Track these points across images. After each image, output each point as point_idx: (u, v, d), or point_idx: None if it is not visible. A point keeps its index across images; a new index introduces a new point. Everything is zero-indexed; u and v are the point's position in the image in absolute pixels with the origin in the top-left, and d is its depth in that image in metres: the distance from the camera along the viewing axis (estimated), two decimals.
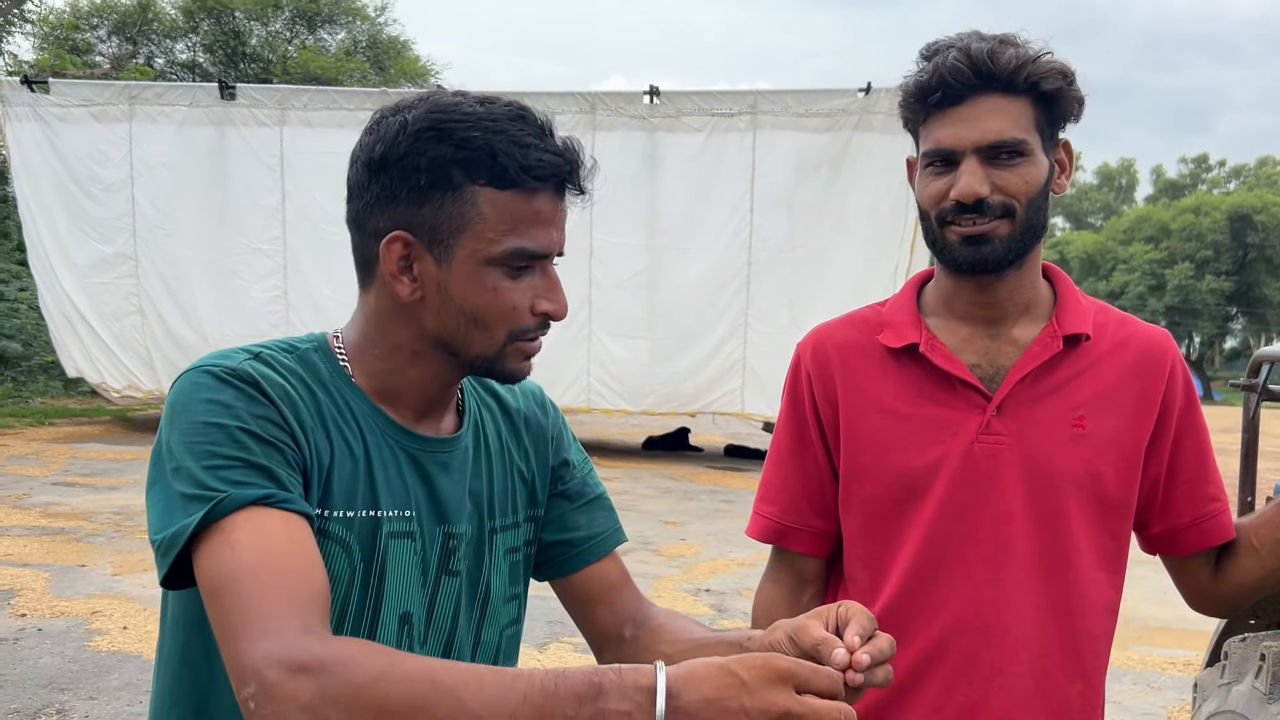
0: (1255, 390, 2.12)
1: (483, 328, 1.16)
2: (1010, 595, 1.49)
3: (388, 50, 28.03)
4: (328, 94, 13.70)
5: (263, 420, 1.07)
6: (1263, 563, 1.52)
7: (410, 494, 1.19)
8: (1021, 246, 1.48)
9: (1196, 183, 73.81)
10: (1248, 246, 58.26)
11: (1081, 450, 1.50)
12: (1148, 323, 1.61)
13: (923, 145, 1.51)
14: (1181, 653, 6.11)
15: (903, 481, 1.52)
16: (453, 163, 1.11)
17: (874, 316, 1.62)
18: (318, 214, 13.14)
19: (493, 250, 1.13)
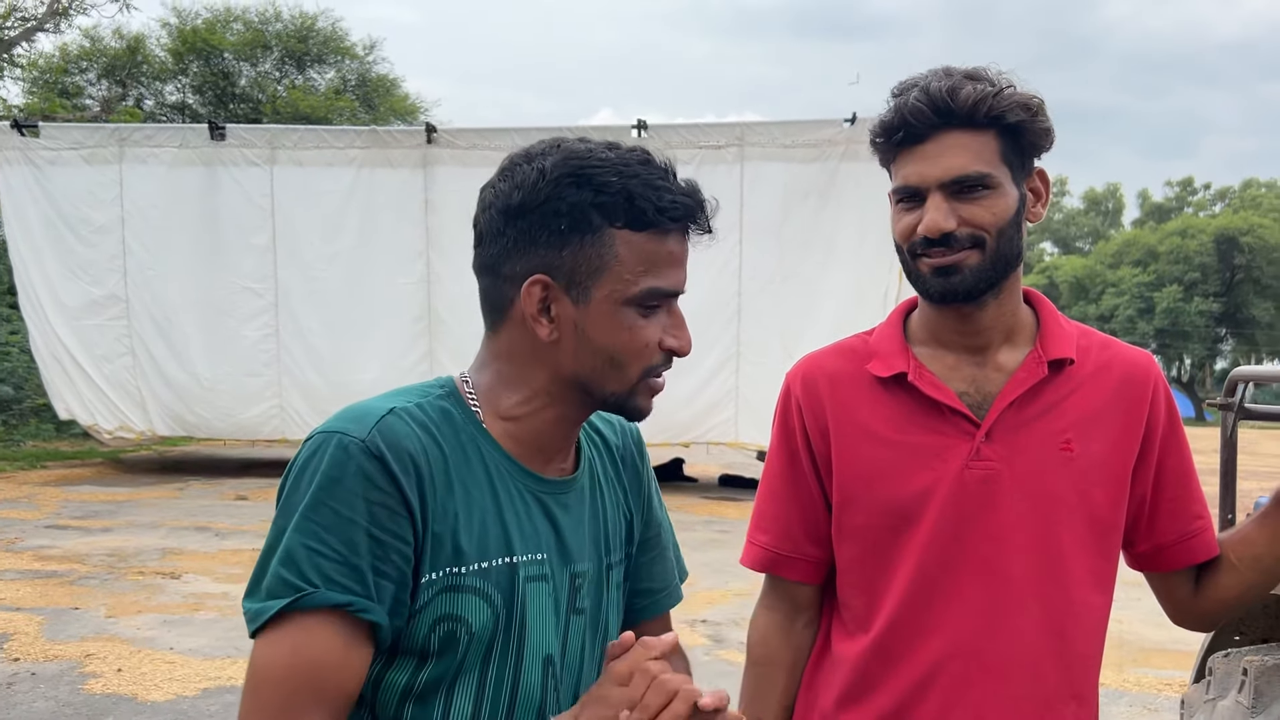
0: (1232, 409, 2.16)
1: (618, 366, 1.20)
2: (1005, 619, 1.51)
3: (377, 88, 28.18)
4: (317, 133, 13.79)
5: (379, 509, 1.09)
6: (1241, 578, 1.55)
7: (540, 536, 1.22)
8: (994, 276, 1.51)
9: (1182, 206, 74.23)
10: (1235, 268, 58.58)
11: (1070, 473, 1.52)
12: (1131, 345, 1.64)
13: (893, 182, 1.56)
14: (1177, 674, 6.11)
15: (895, 509, 1.54)
16: (592, 207, 1.16)
17: (862, 346, 1.65)
18: (308, 252, 13.22)
19: (630, 291, 1.17)
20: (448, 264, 13.04)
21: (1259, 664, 1.82)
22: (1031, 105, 1.50)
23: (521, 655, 1.18)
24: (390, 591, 1.10)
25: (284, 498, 1.12)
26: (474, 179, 9.53)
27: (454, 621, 1.14)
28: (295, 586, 1.06)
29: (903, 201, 1.54)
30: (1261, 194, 70.53)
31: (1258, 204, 67.42)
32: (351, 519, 1.08)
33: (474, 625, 1.15)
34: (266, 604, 1.07)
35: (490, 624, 1.16)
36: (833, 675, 1.61)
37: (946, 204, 1.48)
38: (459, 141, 13.15)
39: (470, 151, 13.03)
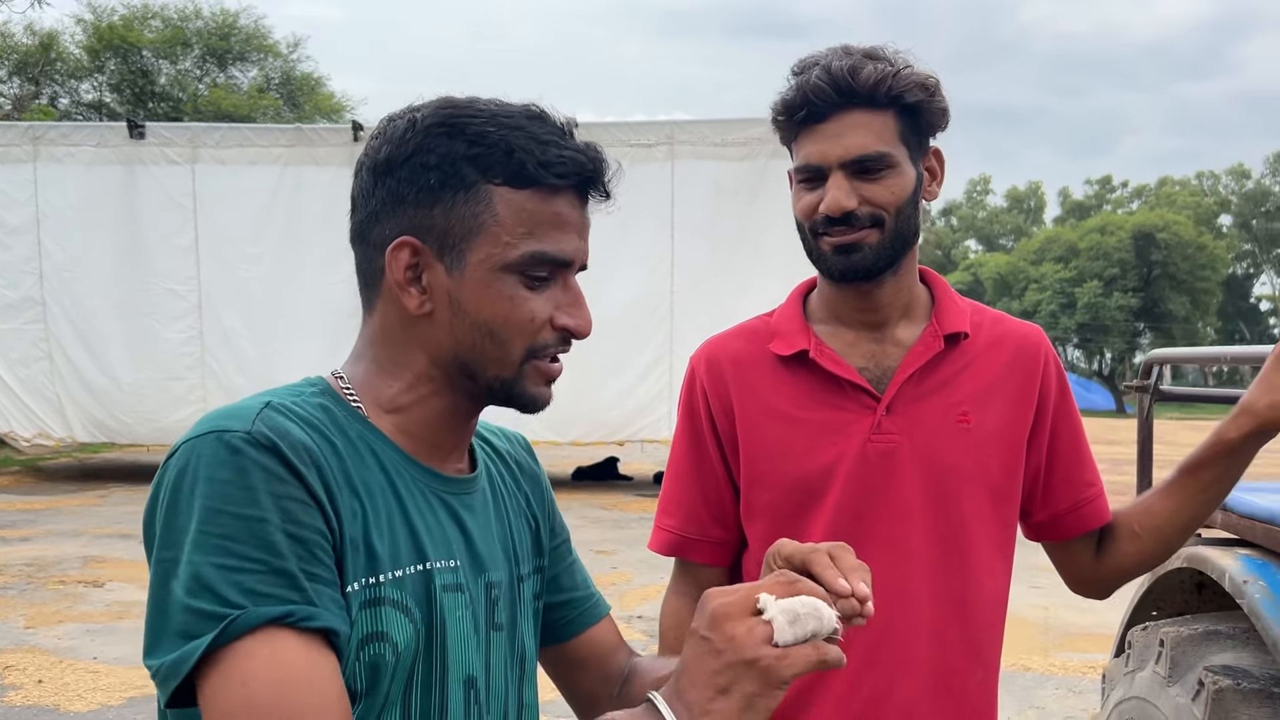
0: (1148, 391, 2.22)
1: (498, 343, 1.05)
2: (910, 589, 1.55)
3: (301, 87, 27.76)
4: (241, 131, 13.55)
5: (288, 503, 0.92)
6: (1143, 547, 1.61)
7: (450, 541, 1.07)
8: (892, 253, 1.54)
9: (1101, 203, 76.08)
10: (1151, 264, 60.17)
11: (968, 444, 1.56)
12: (1020, 319, 1.69)
13: (795, 160, 1.58)
14: (1101, 656, 6.26)
15: (802, 485, 1.57)
16: (465, 159, 1.02)
17: (763, 327, 1.68)
18: (233, 253, 12.97)
19: (508, 255, 1.03)
20: None
21: (1174, 635, 1.87)
22: (929, 85, 1.53)
23: (445, 678, 1.03)
24: (329, 596, 0.92)
25: (162, 525, 0.92)
26: None
27: (379, 642, 0.97)
28: (217, 615, 0.87)
29: (804, 180, 1.56)
30: (1176, 191, 72.60)
31: (1173, 201, 69.40)
32: (260, 518, 0.90)
33: (399, 644, 0.98)
34: (185, 648, 0.87)
35: (412, 642, 1.00)
36: None
37: (848, 183, 1.51)
38: None
39: None
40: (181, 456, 0.93)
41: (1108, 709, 2.16)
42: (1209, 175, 75.57)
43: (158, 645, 0.89)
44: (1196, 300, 61.89)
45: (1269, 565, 1.76)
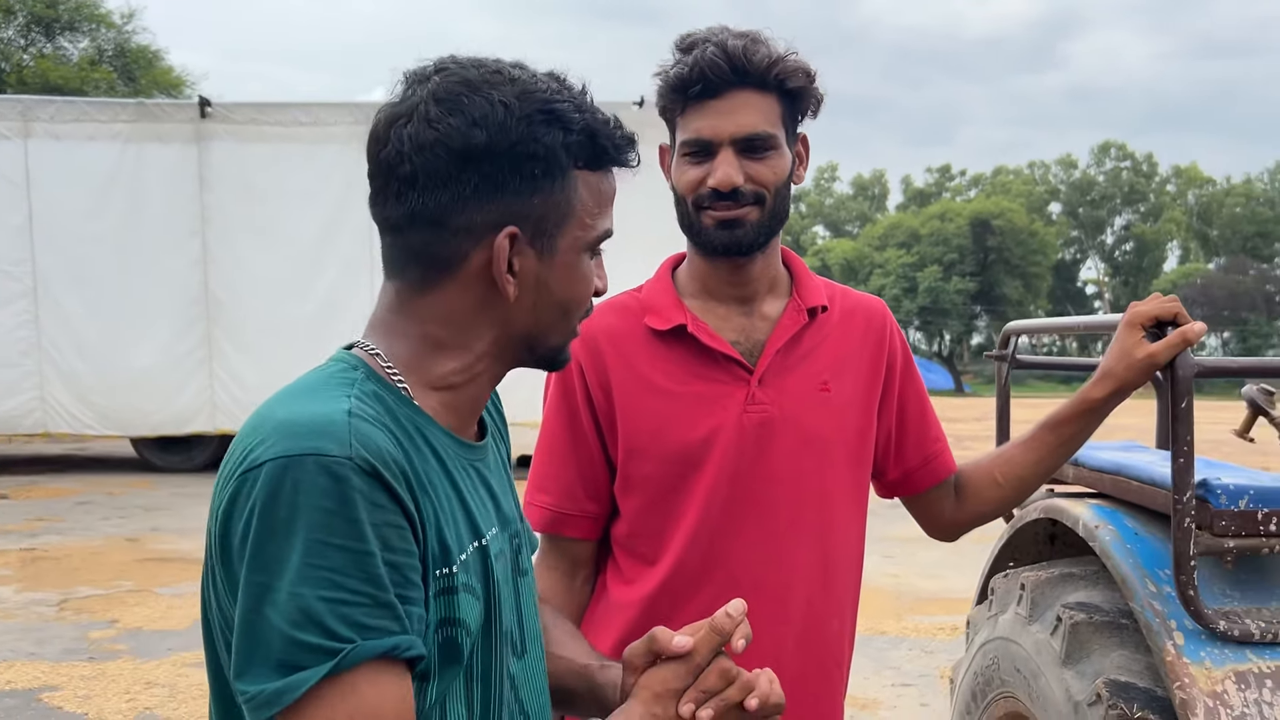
0: (1005, 360, 2.40)
1: (567, 316, 1.12)
2: (780, 549, 1.64)
3: (137, 60, 26.53)
4: (78, 105, 12.88)
5: (388, 530, 0.93)
6: (1003, 494, 1.76)
7: (489, 512, 1.11)
8: (769, 231, 1.63)
9: (941, 191, 79.11)
10: (988, 250, 62.97)
11: (829, 411, 1.67)
12: (867, 294, 1.81)
13: (680, 135, 1.62)
14: (949, 619, 6.63)
15: (681, 456, 1.63)
16: (563, 147, 1.04)
17: (634, 302, 1.72)
18: (71, 232, 12.34)
19: (589, 236, 1.09)
20: (225, 244, 12.49)
21: (1034, 579, 2.05)
22: (811, 73, 1.62)
23: (493, 640, 1.08)
24: (419, 616, 0.96)
25: (254, 546, 0.91)
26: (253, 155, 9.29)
27: (452, 626, 1.00)
28: (328, 649, 0.88)
29: (690, 154, 1.61)
30: (1011, 180, 76.10)
31: (1008, 189, 72.70)
32: (366, 551, 0.91)
33: (470, 624, 1.03)
34: (291, 679, 0.88)
35: (481, 618, 1.04)
36: (611, 621, 1.67)
37: (737, 159, 1.58)
38: (236, 116, 12.56)
39: (248, 127, 12.49)
40: (275, 477, 0.91)
41: (972, 651, 2.34)
42: (1040, 165, 79.53)
43: (253, 671, 0.90)
44: (1029, 284, 65.14)
45: (1116, 512, 1.94)
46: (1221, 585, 1.73)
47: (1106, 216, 76.45)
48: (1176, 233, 75.32)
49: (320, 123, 12.59)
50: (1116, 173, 76.59)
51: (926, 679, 5.50)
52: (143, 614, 6.46)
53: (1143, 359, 1.60)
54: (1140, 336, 1.61)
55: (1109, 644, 1.81)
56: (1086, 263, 79.49)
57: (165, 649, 5.73)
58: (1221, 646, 1.63)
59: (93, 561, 7.99)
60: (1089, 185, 76.38)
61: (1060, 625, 1.88)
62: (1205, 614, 1.62)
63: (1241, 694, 1.58)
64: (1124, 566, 1.79)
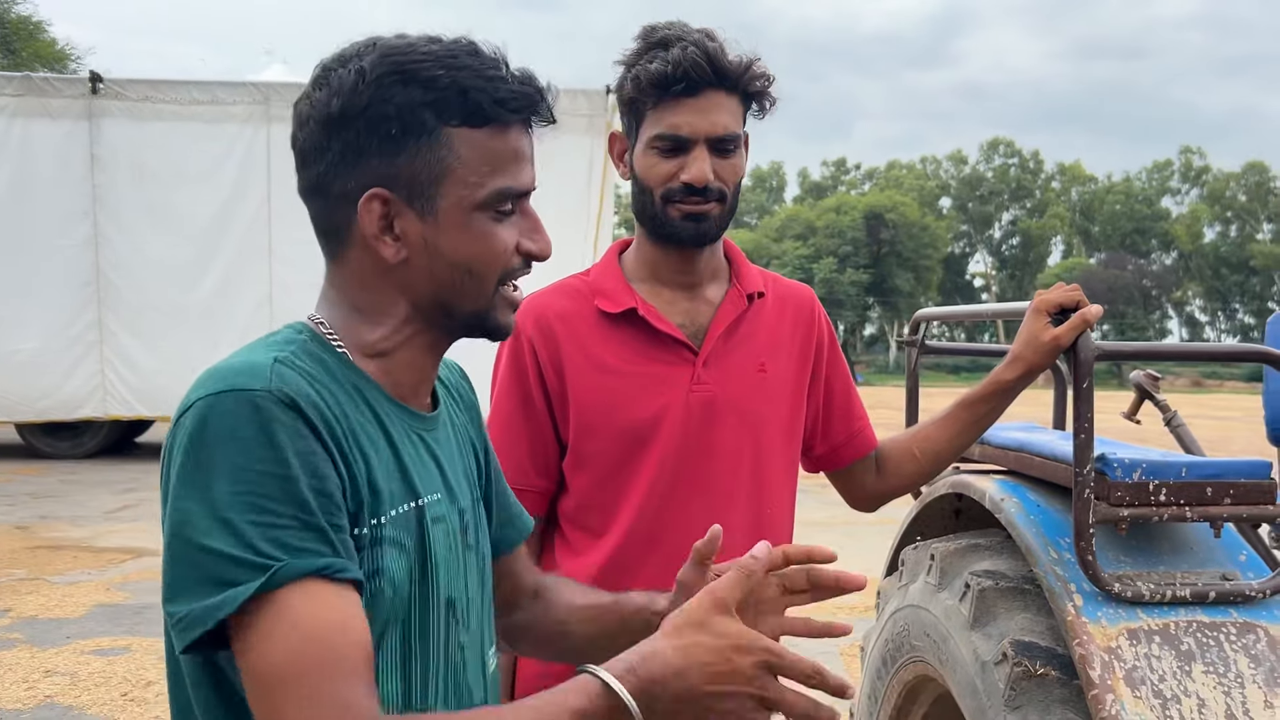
0: (915, 345, 2.54)
1: (476, 278, 1.10)
2: (723, 522, 1.72)
3: (18, 31, 25.42)
4: None
5: (312, 458, 0.96)
6: (920, 467, 1.89)
7: (432, 476, 1.14)
8: (725, 225, 1.74)
9: (837, 184, 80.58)
10: (881, 242, 64.42)
11: (765, 391, 1.78)
12: (797, 282, 1.93)
13: (651, 128, 1.68)
14: (848, 599, 6.83)
15: (631, 433, 1.72)
16: (423, 105, 1.04)
17: (583, 285, 1.80)
18: None
19: (478, 195, 1.07)
20: (117, 224, 12.12)
21: (943, 550, 2.18)
22: (771, 78, 1.73)
23: (429, 603, 1.09)
24: (350, 548, 0.98)
25: (179, 477, 0.95)
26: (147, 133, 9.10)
27: (378, 578, 1.02)
28: (257, 565, 0.90)
29: (662, 149, 1.68)
30: (903, 174, 77.82)
31: (900, 183, 74.35)
32: (289, 476, 0.93)
33: (396, 578, 1.04)
34: (223, 595, 0.90)
35: (407, 575, 1.06)
36: None
37: (710, 158, 1.67)
38: (129, 93, 12.17)
39: (142, 104, 12.12)
40: (197, 413, 0.95)
41: (883, 620, 2.47)
42: (932, 160, 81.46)
43: (184, 592, 0.92)
44: (920, 276, 66.82)
45: (1020, 487, 2.08)
46: (1116, 551, 1.88)
47: (994, 211, 78.87)
48: (1060, 228, 78.14)
49: (218, 101, 12.29)
50: (1004, 169, 79.04)
51: (826, 655, 5.68)
52: (37, 602, 6.29)
53: (1048, 341, 1.73)
54: (1046, 322, 1.74)
55: (1013, 608, 1.95)
56: (975, 256, 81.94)
57: (64, 637, 5.60)
58: (1116, 606, 1.77)
59: None
60: (978, 181, 78.65)
61: (969, 592, 2.01)
62: (1102, 577, 1.76)
63: (1133, 649, 1.72)
64: (1028, 536, 1.93)
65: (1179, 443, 2.68)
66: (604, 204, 12.46)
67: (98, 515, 9.23)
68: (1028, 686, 1.82)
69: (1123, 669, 1.71)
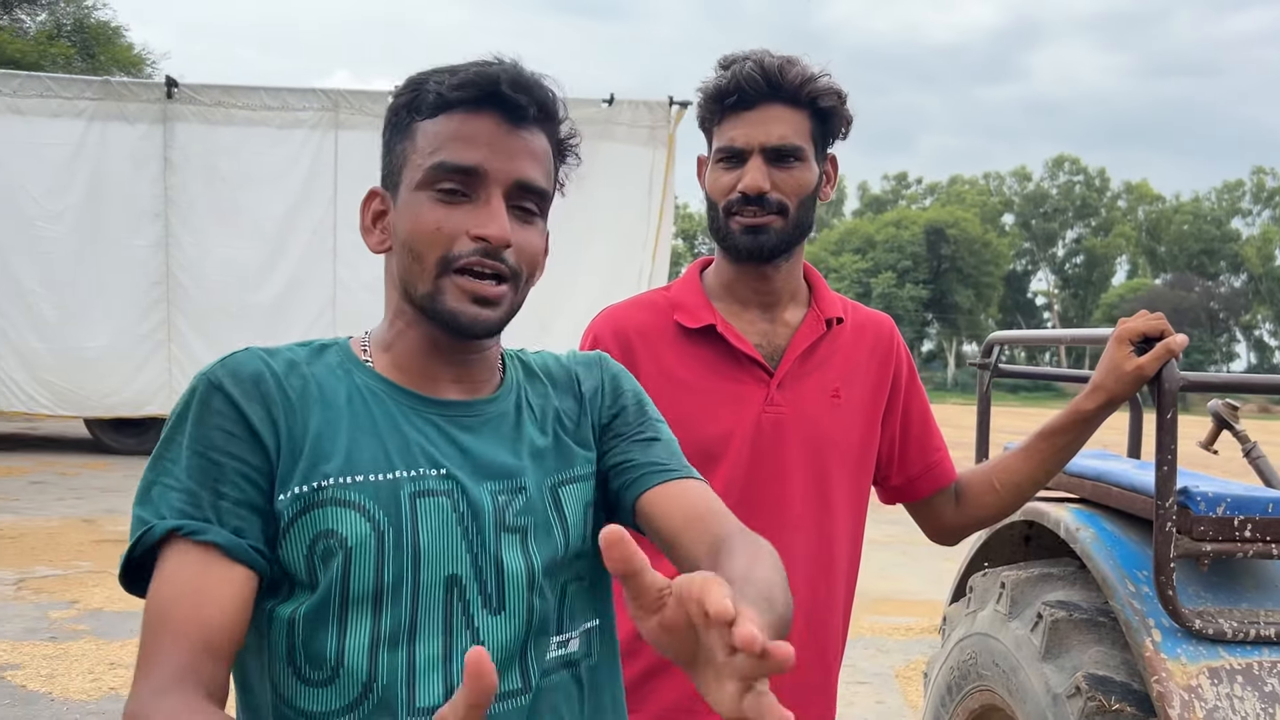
0: (989, 369, 2.50)
1: (415, 256, 1.12)
2: (787, 545, 1.69)
3: (96, 36, 26.07)
4: (42, 80, 12.65)
5: (215, 432, 1.07)
6: (1000, 499, 1.85)
7: (436, 455, 1.15)
8: (791, 240, 1.72)
9: (897, 198, 79.96)
10: (941, 258, 63.76)
11: (839, 418, 1.77)
12: (876, 310, 1.91)
13: (715, 143, 1.72)
14: (903, 619, 6.78)
15: (702, 449, 1.69)
16: (404, 107, 1.15)
17: (662, 300, 1.81)
18: (30, 209, 12.16)
19: (418, 174, 1.12)
20: (188, 226, 12.38)
21: (1014, 578, 2.15)
22: (842, 94, 1.72)
23: (418, 576, 1.10)
24: (235, 514, 1.05)
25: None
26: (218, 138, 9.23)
27: (328, 537, 1.07)
28: (145, 523, 1.04)
29: (723, 161, 1.70)
30: (966, 189, 76.99)
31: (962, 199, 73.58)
32: (190, 448, 1.06)
33: (349, 540, 1.08)
34: (125, 552, 1.05)
35: (371, 538, 1.08)
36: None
37: (765, 167, 1.67)
38: (202, 98, 12.44)
39: (215, 109, 12.38)
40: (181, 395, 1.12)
41: (949, 647, 2.44)
42: (995, 176, 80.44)
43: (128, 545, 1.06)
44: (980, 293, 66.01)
45: (1096, 516, 2.05)
46: (1196, 586, 1.84)
47: (1058, 229, 77.68)
48: (1126, 247, 76.74)
49: (288, 107, 12.52)
50: (1069, 186, 77.83)
51: (882, 677, 5.63)
52: (102, 595, 6.42)
53: (1131, 371, 1.70)
54: (1129, 351, 1.71)
55: (1087, 640, 1.92)
56: (1037, 274, 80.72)
57: (128, 630, 5.71)
58: (1196, 644, 1.74)
59: (50, 542, 7.92)
60: (1042, 198, 77.53)
61: (1040, 622, 1.98)
62: (1182, 613, 1.73)
63: (1214, 688, 1.69)
64: (1104, 567, 1.90)
65: (1259, 475, 2.62)
66: (664, 215, 12.48)
67: None
68: None
69: (1203, 709, 1.67)
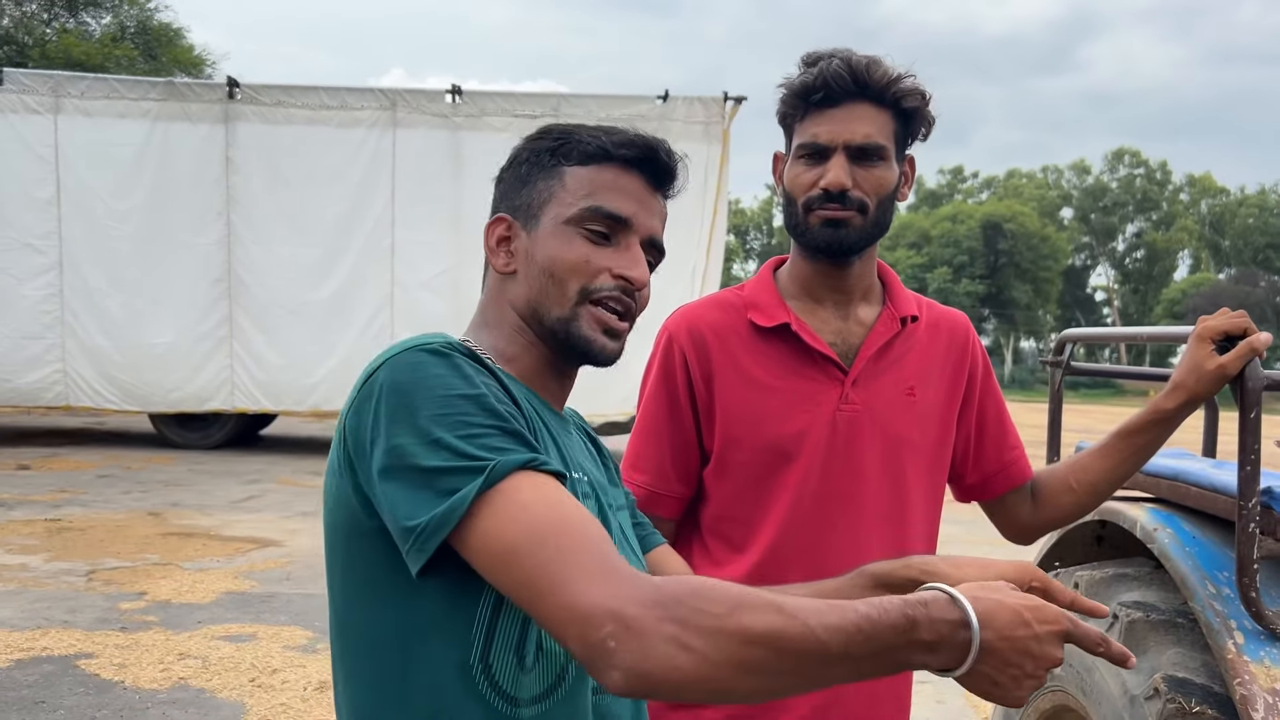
0: (1060, 366, 2.47)
1: (557, 282, 1.22)
2: (862, 542, 1.72)
3: (159, 38, 26.59)
4: (108, 82, 12.95)
5: (496, 388, 1.10)
6: (1078, 499, 1.83)
7: (581, 461, 1.26)
8: (869, 238, 1.72)
9: (953, 192, 79.01)
10: (998, 253, 62.94)
11: (913, 415, 1.76)
12: (951, 308, 1.90)
13: (797, 139, 1.71)
14: None
15: (776, 447, 1.71)
16: (547, 151, 1.27)
17: (736, 299, 1.81)
18: (97, 208, 12.46)
19: (569, 211, 1.24)
20: (250, 225, 12.60)
21: (1088, 578, 2.13)
22: (926, 95, 1.71)
23: None
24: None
25: (387, 420, 1.05)
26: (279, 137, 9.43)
27: None
28: (474, 469, 1.01)
29: (805, 157, 1.70)
30: (1023, 183, 75.89)
31: (1019, 193, 72.53)
32: (480, 394, 1.07)
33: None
34: (454, 498, 1.00)
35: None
36: None
37: (848, 165, 1.67)
38: (263, 98, 12.65)
39: (276, 109, 12.58)
40: (388, 369, 1.08)
41: None
42: (1053, 169, 79.17)
43: (416, 508, 1.02)
44: (1038, 288, 65.07)
45: (1173, 517, 2.02)
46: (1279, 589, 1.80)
47: (1118, 223, 76.33)
48: (1188, 241, 75.18)
49: (347, 106, 12.67)
50: (1130, 180, 76.43)
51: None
52: (170, 587, 6.56)
53: (1214, 370, 1.67)
54: (1210, 349, 1.68)
55: (1165, 641, 1.89)
56: (1097, 269, 79.40)
57: (195, 622, 5.83)
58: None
59: (117, 534, 8.09)
60: (1102, 191, 76.22)
61: (1117, 622, 1.95)
62: (1266, 615, 1.70)
63: None
64: (1183, 567, 1.86)
65: None
66: (719, 211, 12.46)
67: (224, 505, 9.58)
68: None
69: None
